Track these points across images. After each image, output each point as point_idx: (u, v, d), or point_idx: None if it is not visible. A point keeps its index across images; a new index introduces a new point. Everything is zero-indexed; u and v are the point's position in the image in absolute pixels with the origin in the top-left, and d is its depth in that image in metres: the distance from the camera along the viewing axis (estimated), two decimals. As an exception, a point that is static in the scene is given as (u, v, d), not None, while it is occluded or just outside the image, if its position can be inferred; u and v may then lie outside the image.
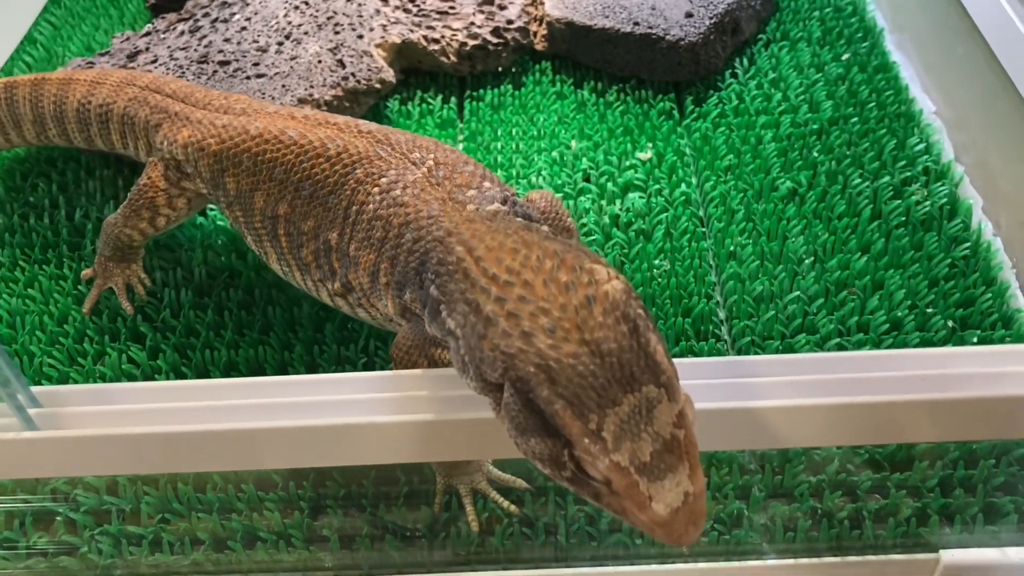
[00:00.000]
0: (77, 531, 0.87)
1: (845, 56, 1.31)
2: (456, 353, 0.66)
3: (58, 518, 0.88)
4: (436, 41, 1.29)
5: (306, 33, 1.28)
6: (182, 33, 1.31)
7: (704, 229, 1.11)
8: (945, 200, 1.09)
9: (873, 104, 1.22)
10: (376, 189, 0.80)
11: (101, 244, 1.03)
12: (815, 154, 1.16)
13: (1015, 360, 0.72)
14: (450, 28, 1.30)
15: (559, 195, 1.13)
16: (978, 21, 1.17)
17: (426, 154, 0.81)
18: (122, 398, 0.73)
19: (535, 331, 0.59)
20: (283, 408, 0.70)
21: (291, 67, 1.22)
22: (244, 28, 1.29)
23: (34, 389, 0.71)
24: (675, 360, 0.64)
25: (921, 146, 1.16)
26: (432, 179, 0.78)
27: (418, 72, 1.33)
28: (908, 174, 1.12)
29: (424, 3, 1.35)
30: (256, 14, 1.32)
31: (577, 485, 0.60)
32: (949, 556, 0.82)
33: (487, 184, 0.78)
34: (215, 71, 1.23)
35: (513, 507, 0.87)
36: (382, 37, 1.27)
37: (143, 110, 1.01)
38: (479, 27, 1.31)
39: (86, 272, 1.07)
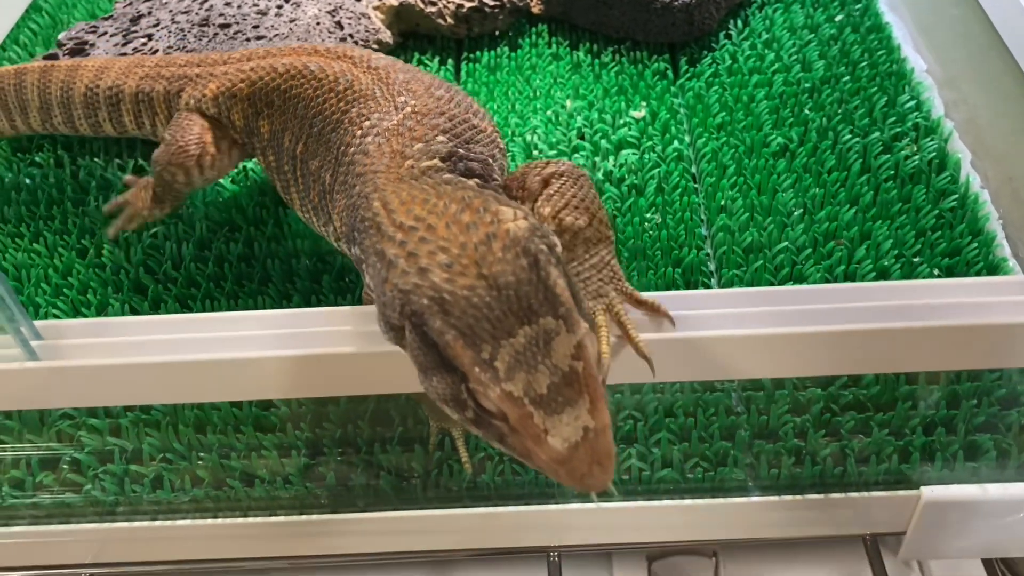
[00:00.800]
0: (81, 471, 0.90)
1: (838, 17, 1.32)
2: (376, 308, 0.65)
3: (64, 458, 0.91)
4: (433, 3, 1.30)
5: (305, -4, 1.30)
6: (184, -3, 1.33)
7: (696, 184, 1.12)
8: (934, 155, 1.10)
9: (865, 63, 1.24)
10: (359, 132, 0.80)
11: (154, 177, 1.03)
12: (807, 111, 1.17)
13: (994, 291, 0.74)
14: (447, -9, 1.32)
15: (553, 152, 1.15)
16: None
17: (410, 98, 0.82)
18: (120, 331, 0.75)
19: (431, 267, 0.59)
20: (270, 339, 0.73)
21: (290, 29, 1.24)
22: (244, -8, 1.31)
23: (37, 323, 0.74)
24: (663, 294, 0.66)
25: (912, 103, 1.17)
26: (401, 128, 0.78)
27: (415, 35, 1.35)
28: (898, 130, 1.13)
29: (422, -33, 1.36)
30: (256, -22, 1.34)
31: (481, 427, 0.60)
32: (930, 492, 0.84)
33: (440, 138, 0.78)
34: (216, 34, 1.25)
35: None
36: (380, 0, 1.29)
37: (159, 83, 1.04)
38: (476, -10, 1.32)
39: (128, 178, 1.11)
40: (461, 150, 0.78)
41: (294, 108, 0.89)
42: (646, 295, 0.73)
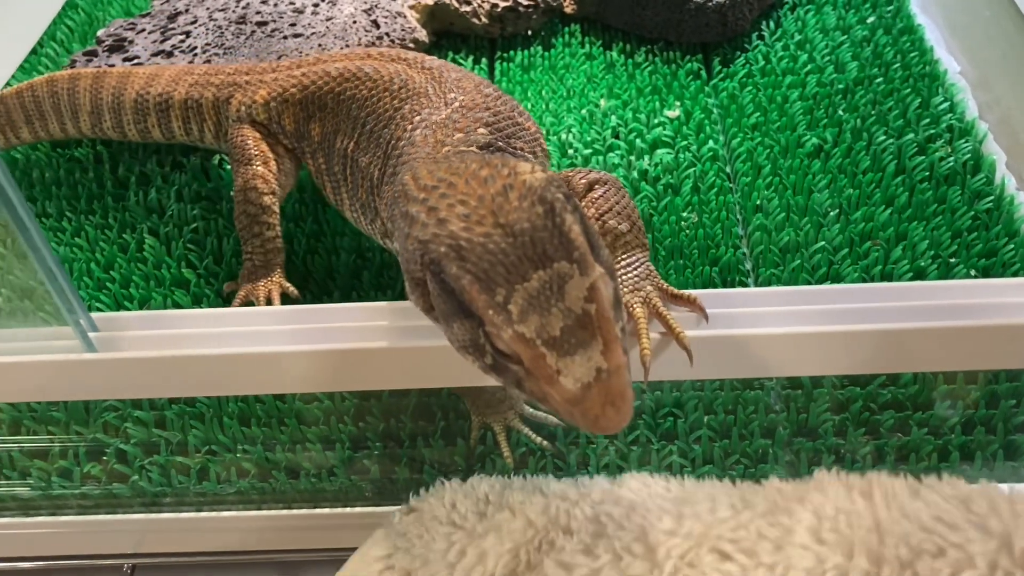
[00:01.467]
0: (128, 461, 0.91)
1: (870, 19, 1.33)
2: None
3: (108, 450, 0.92)
4: (468, 3, 1.31)
5: (341, -5, 1.31)
6: (220, -5, 1.34)
7: (731, 184, 1.13)
8: (969, 156, 1.10)
9: (898, 65, 1.24)
10: (410, 126, 0.83)
11: (251, 248, 0.98)
12: (840, 112, 1.18)
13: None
14: (481, -9, 1.33)
15: (588, 151, 1.16)
16: (1004, -19, 1.19)
17: (459, 95, 0.85)
18: (174, 323, 0.76)
19: (450, 218, 0.61)
20: (312, 333, 0.74)
21: (327, 27, 1.25)
22: (281, -10, 1.33)
23: (94, 315, 0.75)
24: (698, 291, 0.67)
25: (945, 105, 1.17)
26: (447, 121, 0.81)
27: (450, 34, 1.36)
28: (932, 131, 1.14)
29: (456, -34, 1.37)
30: (292, -23, 1.35)
31: (499, 372, 0.61)
32: (969, 491, 0.84)
33: (481, 130, 0.80)
34: (253, 31, 1.26)
35: (545, 443, 0.90)
36: (415, -1, 1.30)
37: (208, 91, 1.05)
38: (510, -10, 1.33)
39: (228, 286, 1.02)
40: (501, 143, 0.81)
41: (347, 109, 0.91)
42: (682, 291, 0.74)
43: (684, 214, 1.08)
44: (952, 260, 1.00)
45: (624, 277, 0.75)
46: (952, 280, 0.96)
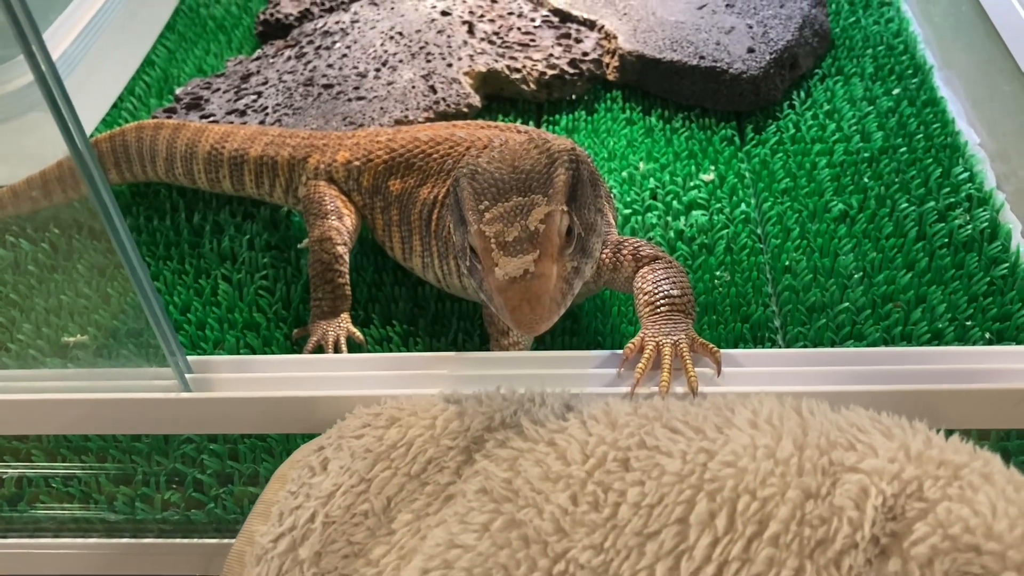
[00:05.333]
0: (204, 490, 1.00)
1: (896, 91, 1.41)
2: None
3: (186, 479, 1.01)
4: (518, 70, 1.41)
5: (401, 61, 1.41)
6: (289, 58, 1.45)
7: (762, 245, 1.21)
8: (986, 224, 1.18)
9: (921, 135, 1.32)
10: None
11: (322, 294, 1.08)
12: (865, 180, 1.26)
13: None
14: (531, 59, 1.43)
15: (627, 211, 1.25)
16: (1020, 61, 1.27)
17: None
18: (258, 367, 0.85)
19: (484, 156, 0.84)
20: (378, 379, 0.83)
21: (388, 91, 1.36)
22: (345, 55, 1.43)
23: (189, 358, 0.84)
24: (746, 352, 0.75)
25: (965, 175, 1.25)
26: None
27: (500, 98, 1.46)
28: (952, 200, 1.22)
29: (507, 36, 1.48)
30: (355, 43, 1.46)
31: (472, 272, 0.80)
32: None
33: None
34: (319, 93, 1.37)
35: None
36: (469, 66, 1.40)
37: (284, 150, 1.17)
38: (557, 58, 1.43)
39: (297, 332, 1.10)
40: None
41: (440, 165, 1.05)
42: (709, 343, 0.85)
43: (717, 273, 1.16)
44: (968, 323, 1.07)
45: (662, 326, 0.86)
46: (969, 346, 1.03)
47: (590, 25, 1.50)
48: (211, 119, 1.36)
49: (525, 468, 0.68)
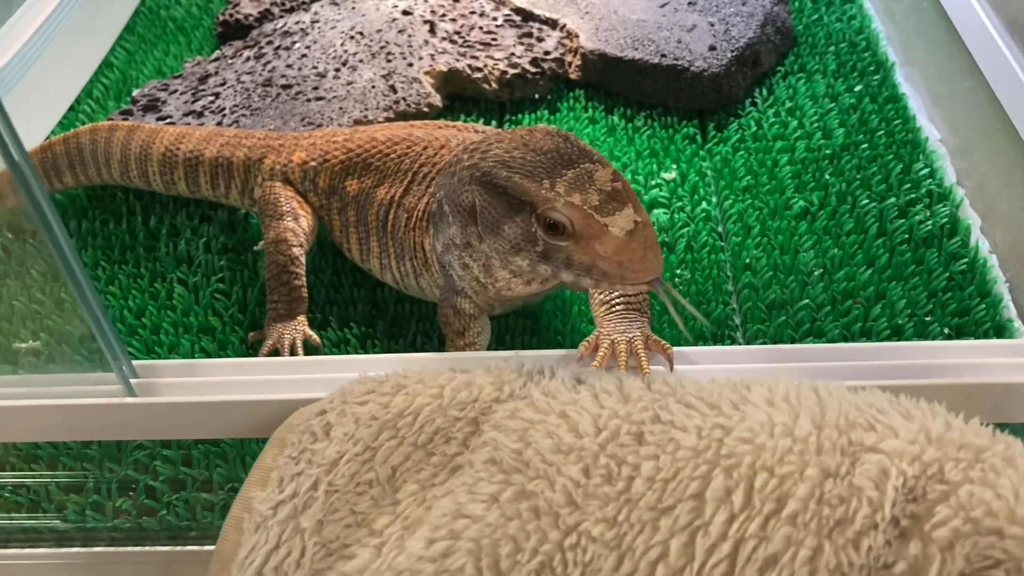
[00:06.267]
0: (156, 497, 0.98)
1: (857, 88, 1.41)
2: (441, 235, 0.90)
3: (138, 486, 0.99)
4: (479, 70, 1.40)
5: (361, 61, 1.40)
6: (248, 59, 1.44)
7: (722, 243, 1.20)
8: (946, 220, 1.18)
9: (882, 132, 1.32)
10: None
11: (278, 296, 1.06)
12: (827, 177, 1.26)
13: (998, 353, 0.82)
14: (492, 58, 1.42)
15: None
16: (978, 59, 1.27)
17: None
18: (206, 371, 0.84)
19: (491, 150, 0.81)
20: (332, 382, 0.81)
21: (347, 91, 1.34)
22: (304, 55, 1.42)
23: (134, 362, 0.83)
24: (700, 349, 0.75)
25: (925, 171, 1.25)
26: None
27: (462, 98, 1.45)
28: (913, 196, 1.22)
29: (469, 35, 1.47)
30: (315, 43, 1.44)
31: (549, 258, 0.78)
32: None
33: None
34: (278, 94, 1.35)
35: None
36: (430, 65, 1.39)
37: (240, 151, 1.15)
38: (519, 57, 1.42)
39: (253, 335, 1.09)
40: None
41: (397, 165, 1.03)
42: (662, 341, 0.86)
43: (678, 271, 1.15)
44: (928, 319, 1.07)
45: (618, 323, 0.87)
46: (925, 341, 1.03)
47: (552, 24, 1.50)
48: (168, 121, 1.34)
49: (536, 439, 0.67)
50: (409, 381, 0.74)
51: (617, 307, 0.88)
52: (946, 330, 1.06)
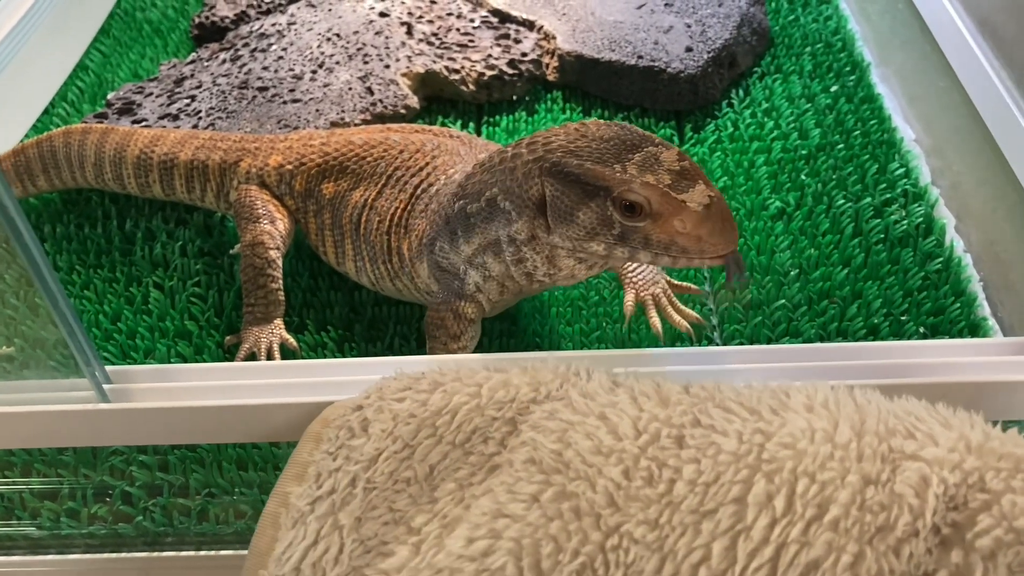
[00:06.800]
0: (132, 503, 0.98)
1: (833, 88, 1.42)
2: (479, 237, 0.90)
3: (114, 492, 0.98)
4: (456, 71, 1.40)
5: (338, 63, 1.39)
6: (224, 61, 1.43)
7: (700, 244, 1.21)
8: (921, 219, 1.19)
9: (858, 132, 1.33)
10: (443, 176, 1.00)
11: (254, 300, 1.06)
12: (803, 177, 1.27)
13: (973, 352, 0.82)
14: (469, 60, 1.42)
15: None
16: (951, 59, 1.28)
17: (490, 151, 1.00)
18: (181, 376, 0.83)
19: (553, 141, 0.83)
20: (309, 387, 0.81)
21: (324, 93, 1.34)
22: (281, 57, 1.41)
23: (108, 368, 0.82)
24: (672, 350, 0.75)
25: (901, 170, 1.26)
26: None
27: (439, 99, 1.45)
28: (888, 196, 1.22)
29: (446, 37, 1.47)
30: (292, 45, 1.44)
31: (626, 240, 0.79)
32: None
33: None
34: (254, 96, 1.35)
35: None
36: (407, 67, 1.39)
37: (215, 154, 1.14)
38: (496, 59, 1.42)
39: (229, 339, 1.09)
40: None
41: (372, 168, 1.04)
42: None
43: (656, 272, 1.15)
44: (903, 318, 1.08)
45: (643, 279, 1.02)
46: (901, 341, 1.04)
47: (529, 26, 1.50)
48: (144, 124, 1.34)
49: (575, 440, 0.66)
50: (446, 379, 0.74)
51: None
52: (921, 329, 1.07)
